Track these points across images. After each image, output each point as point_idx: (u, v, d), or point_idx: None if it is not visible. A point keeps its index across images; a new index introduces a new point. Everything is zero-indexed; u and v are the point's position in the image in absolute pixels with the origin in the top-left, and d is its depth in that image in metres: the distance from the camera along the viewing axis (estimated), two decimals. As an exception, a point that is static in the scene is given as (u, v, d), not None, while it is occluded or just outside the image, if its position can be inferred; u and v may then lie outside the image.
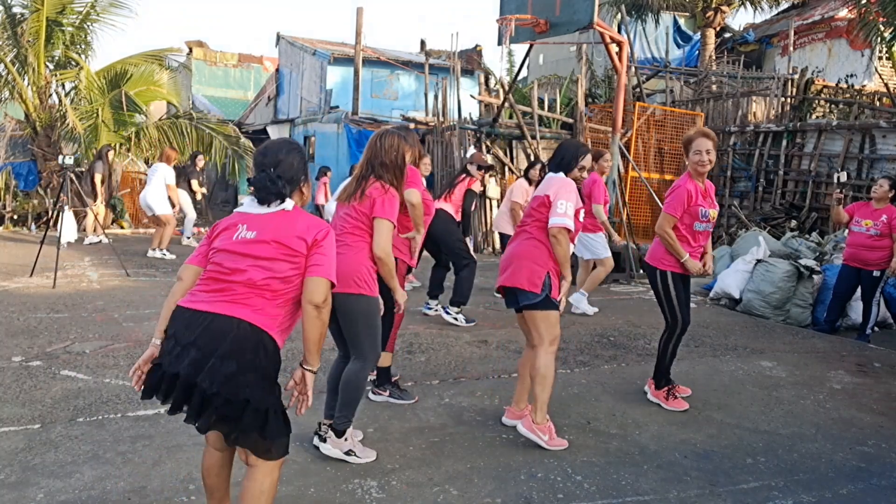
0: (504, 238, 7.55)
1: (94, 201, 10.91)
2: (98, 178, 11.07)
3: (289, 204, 2.45)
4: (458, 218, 6.98)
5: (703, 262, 4.48)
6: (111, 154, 11.54)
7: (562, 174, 3.79)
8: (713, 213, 4.39)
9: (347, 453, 3.37)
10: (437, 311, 6.57)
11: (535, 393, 3.68)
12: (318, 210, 12.49)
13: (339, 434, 3.38)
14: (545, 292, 3.64)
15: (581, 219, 3.78)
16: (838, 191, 7.32)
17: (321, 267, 2.35)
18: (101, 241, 10.68)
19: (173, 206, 9.99)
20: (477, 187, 7.38)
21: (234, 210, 2.55)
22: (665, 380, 4.48)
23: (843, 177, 7.85)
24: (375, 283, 3.37)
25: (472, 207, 7.37)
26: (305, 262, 2.37)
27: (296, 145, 2.62)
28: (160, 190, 9.79)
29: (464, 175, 7.09)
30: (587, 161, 3.82)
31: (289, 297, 2.38)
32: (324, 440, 3.41)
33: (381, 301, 3.41)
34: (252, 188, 2.47)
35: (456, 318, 6.35)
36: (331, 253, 2.40)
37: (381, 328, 3.42)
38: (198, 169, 11.43)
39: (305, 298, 2.34)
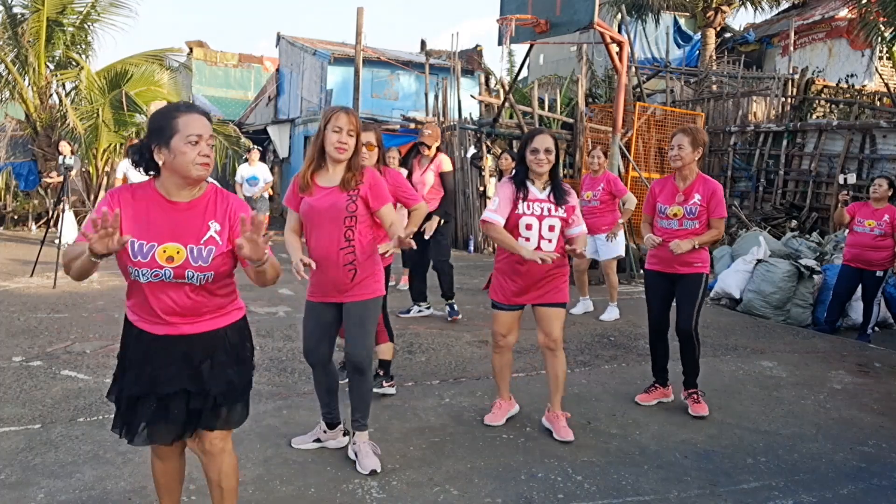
0: None
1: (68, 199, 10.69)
2: (54, 173, 10.91)
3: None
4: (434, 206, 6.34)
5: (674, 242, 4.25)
6: (61, 146, 10.95)
7: (506, 178, 3.91)
8: (674, 210, 4.23)
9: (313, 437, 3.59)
10: (426, 311, 6.64)
11: None
12: None
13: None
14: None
15: (520, 210, 3.70)
16: (845, 192, 7.32)
17: None
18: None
19: None
20: (417, 174, 6.44)
21: None
22: (654, 375, 4.54)
23: (852, 178, 7.84)
24: (309, 286, 3.31)
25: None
26: None
27: (173, 105, 2.32)
28: None
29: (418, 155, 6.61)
30: (537, 142, 3.69)
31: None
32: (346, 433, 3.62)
33: (307, 302, 3.35)
34: None
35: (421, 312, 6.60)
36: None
37: (304, 328, 3.39)
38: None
39: None
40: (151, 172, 2.28)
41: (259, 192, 10.86)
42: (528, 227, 3.71)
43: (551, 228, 3.72)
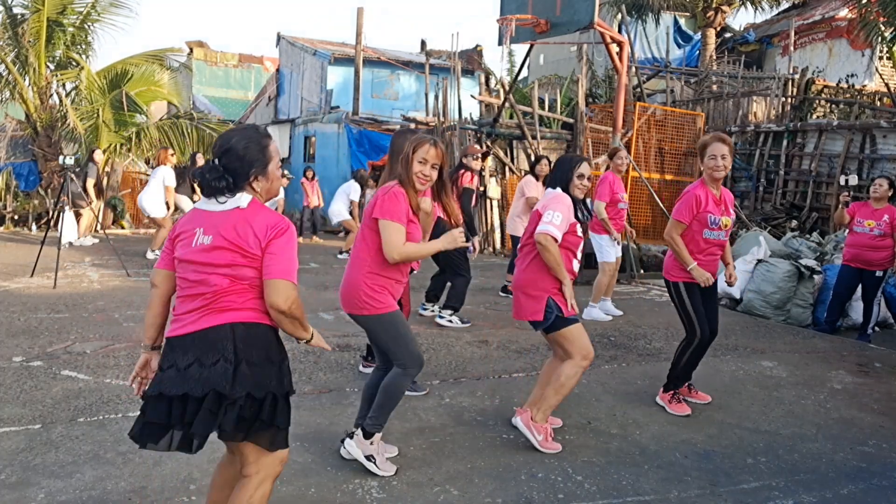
0: (516, 240, 7.32)
1: (87, 204, 10.79)
2: (91, 182, 10.87)
3: (243, 200, 2.24)
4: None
5: (727, 273, 4.45)
6: (97, 155, 11.28)
7: (559, 189, 3.75)
8: (725, 220, 4.24)
9: (368, 458, 3.26)
10: (432, 312, 6.57)
11: (546, 393, 3.68)
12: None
13: (367, 436, 3.29)
14: (552, 315, 3.61)
15: (580, 233, 3.74)
16: (846, 192, 7.32)
17: (273, 267, 2.18)
18: (91, 243, 10.73)
19: (170, 208, 9.91)
20: (472, 182, 6.81)
21: (193, 206, 2.37)
22: (673, 384, 4.42)
23: (853, 179, 7.84)
24: (382, 297, 3.17)
25: (473, 205, 6.69)
26: (261, 264, 2.21)
27: (253, 132, 2.33)
28: (155, 192, 9.76)
29: (462, 170, 6.79)
30: (584, 169, 3.77)
31: (257, 288, 2.27)
32: (351, 436, 3.35)
33: (395, 311, 3.21)
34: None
35: (451, 321, 6.34)
36: (284, 252, 2.20)
37: (407, 336, 3.24)
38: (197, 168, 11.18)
39: (267, 302, 2.20)
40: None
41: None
42: (581, 249, 3.80)
43: (581, 250, 3.84)
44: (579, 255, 3.81)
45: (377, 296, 3.15)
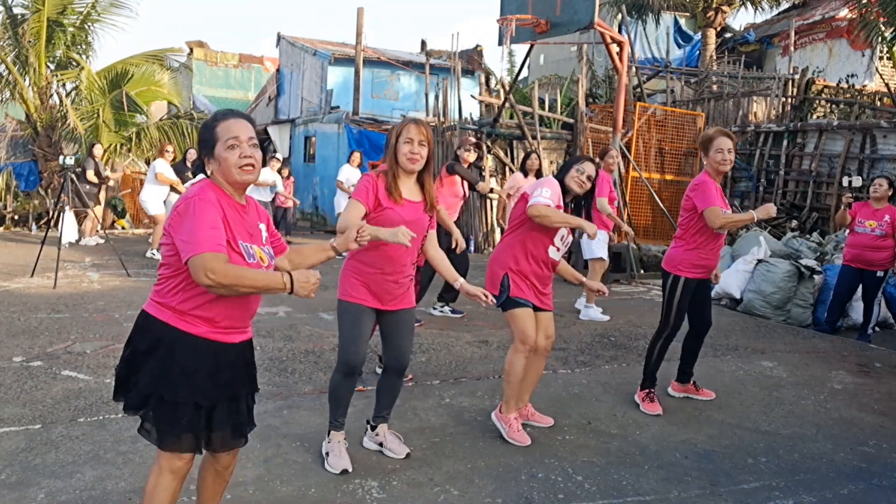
0: None
1: (96, 201, 10.81)
2: (90, 173, 10.76)
3: (195, 182, 2.32)
4: (455, 215, 6.51)
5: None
6: (97, 149, 11.20)
7: (551, 176, 3.90)
8: (728, 212, 4.30)
9: (326, 455, 3.37)
10: (441, 313, 6.64)
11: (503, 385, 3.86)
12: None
13: (328, 433, 3.43)
14: (504, 294, 3.70)
15: None
16: (849, 194, 7.33)
17: (182, 251, 2.12)
18: (97, 243, 10.71)
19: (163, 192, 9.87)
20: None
21: None
22: (649, 381, 4.43)
23: (857, 181, 7.83)
24: (348, 285, 3.23)
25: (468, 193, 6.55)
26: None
27: (211, 117, 2.34)
28: (153, 188, 9.77)
29: (450, 166, 6.56)
30: (585, 167, 3.79)
31: (174, 281, 2.22)
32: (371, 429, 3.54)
33: (354, 304, 3.22)
34: None
35: (442, 311, 6.54)
36: (184, 230, 2.11)
37: (351, 333, 3.24)
38: (188, 164, 10.90)
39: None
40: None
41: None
42: (562, 238, 3.79)
43: (563, 239, 3.83)
44: (558, 244, 3.77)
45: (345, 282, 3.27)
